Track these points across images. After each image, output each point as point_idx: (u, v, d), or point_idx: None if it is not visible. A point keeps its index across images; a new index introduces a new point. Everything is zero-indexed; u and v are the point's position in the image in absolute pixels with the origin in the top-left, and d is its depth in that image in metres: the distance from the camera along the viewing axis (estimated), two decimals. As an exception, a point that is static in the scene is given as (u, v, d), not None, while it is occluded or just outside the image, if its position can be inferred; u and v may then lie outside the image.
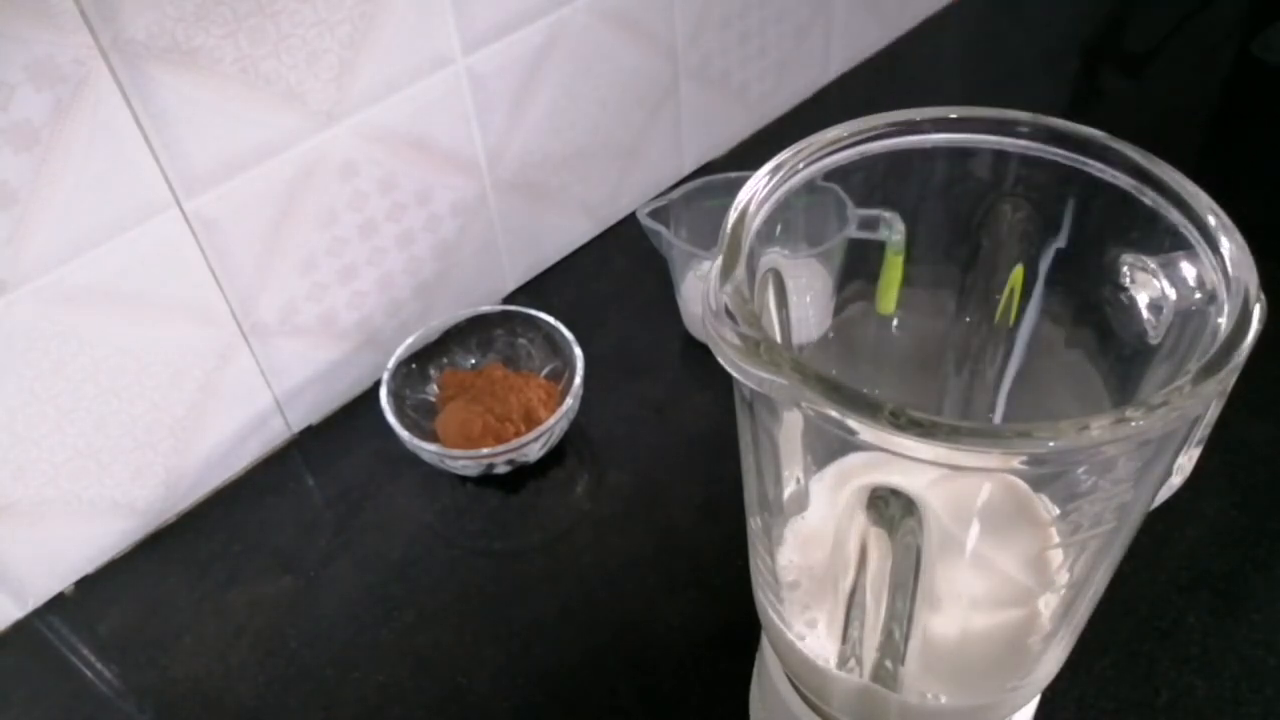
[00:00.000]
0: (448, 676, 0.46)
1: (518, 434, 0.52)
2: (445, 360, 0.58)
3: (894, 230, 0.37)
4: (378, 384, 0.54)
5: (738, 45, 0.72)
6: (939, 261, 0.36)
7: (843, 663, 0.32)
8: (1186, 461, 0.30)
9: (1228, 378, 0.24)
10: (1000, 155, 0.32)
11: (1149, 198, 0.29)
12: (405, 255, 0.58)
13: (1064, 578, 0.32)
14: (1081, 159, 0.30)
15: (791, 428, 0.31)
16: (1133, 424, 0.22)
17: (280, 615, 0.49)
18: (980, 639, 0.32)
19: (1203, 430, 0.29)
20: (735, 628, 0.46)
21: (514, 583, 0.49)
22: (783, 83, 0.78)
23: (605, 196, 0.69)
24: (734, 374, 0.25)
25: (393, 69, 0.51)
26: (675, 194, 0.58)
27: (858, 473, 0.35)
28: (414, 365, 0.56)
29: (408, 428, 0.52)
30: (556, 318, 0.57)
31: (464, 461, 0.51)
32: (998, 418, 0.38)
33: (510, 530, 0.52)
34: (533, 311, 0.57)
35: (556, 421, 0.52)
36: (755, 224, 0.29)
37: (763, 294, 0.30)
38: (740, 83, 0.74)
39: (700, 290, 0.27)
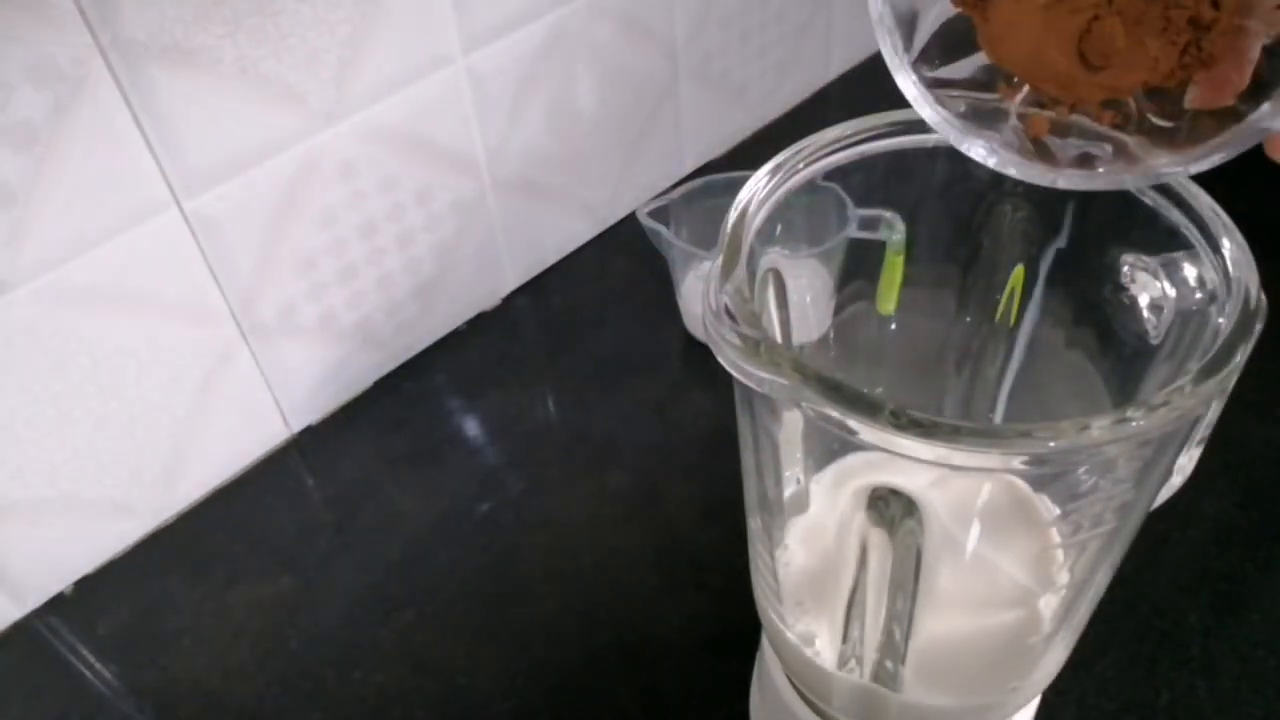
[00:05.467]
0: (448, 676, 0.46)
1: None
2: None
3: (894, 230, 0.37)
4: (378, 384, 0.54)
5: (738, 45, 0.71)
6: (939, 261, 0.36)
7: (843, 663, 0.32)
8: (1187, 461, 0.30)
9: (1228, 378, 0.24)
10: (1001, 155, 0.32)
11: (1149, 198, 0.29)
12: (405, 255, 0.58)
13: (1064, 578, 0.32)
14: (1081, 159, 0.30)
15: (791, 428, 0.31)
16: (1133, 424, 0.22)
17: (280, 615, 0.49)
18: (980, 639, 0.32)
19: (1204, 430, 0.29)
20: (735, 628, 0.46)
21: (514, 583, 0.49)
22: (783, 83, 0.78)
23: (605, 196, 0.69)
24: (734, 374, 0.25)
25: (392, 69, 0.51)
26: (675, 194, 0.58)
27: (858, 473, 0.35)
28: None
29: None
30: (556, 318, 0.57)
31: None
32: (998, 418, 0.38)
33: (510, 531, 0.52)
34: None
35: None
36: (755, 224, 0.29)
37: (763, 294, 0.30)
38: (740, 83, 0.74)
39: (700, 290, 0.27)
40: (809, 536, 0.35)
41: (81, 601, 0.51)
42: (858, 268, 0.38)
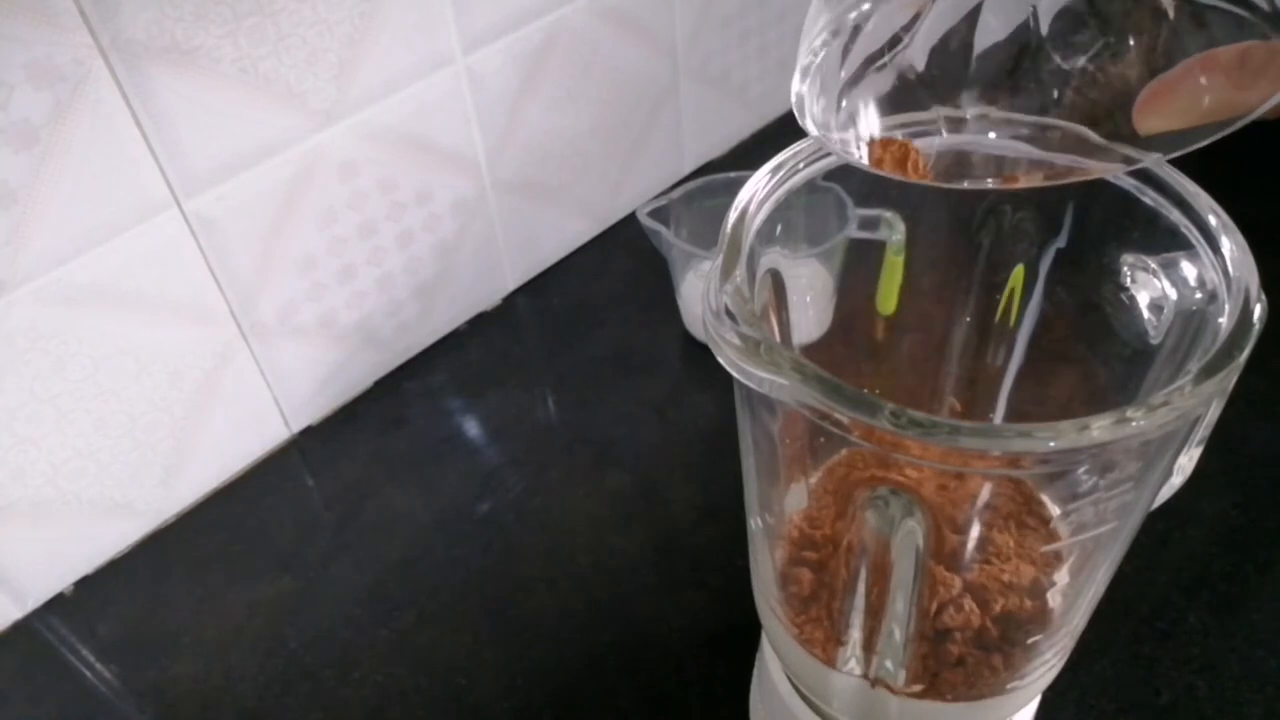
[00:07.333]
0: (448, 676, 0.46)
1: None
2: None
3: (894, 230, 0.37)
4: (378, 384, 0.54)
5: (738, 45, 0.71)
6: (939, 261, 0.36)
7: (843, 663, 0.32)
8: (1187, 461, 0.30)
9: (1228, 378, 0.24)
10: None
11: (1149, 197, 0.29)
12: (405, 255, 0.57)
13: (1064, 578, 0.32)
14: (1082, 159, 0.30)
15: (791, 428, 0.31)
16: (1133, 424, 0.22)
17: (280, 615, 0.49)
18: (981, 639, 0.32)
19: (1204, 430, 0.29)
20: (735, 628, 0.46)
21: (514, 583, 0.49)
22: (783, 83, 0.78)
23: (605, 196, 0.69)
24: (734, 374, 0.25)
25: (392, 69, 0.51)
26: (675, 194, 0.58)
27: (857, 472, 0.35)
28: None
29: None
30: (556, 318, 0.57)
31: None
32: (998, 418, 0.38)
33: (510, 530, 0.52)
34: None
35: None
36: (755, 224, 0.29)
37: (763, 294, 0.30)
38: (740, 83, 0.74)
39: (700, 290, 0.27)
40: (809, 536, 0.35)
41: (81, 601, 0.51)
42: (858, 268, 0.38)
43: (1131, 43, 0.24)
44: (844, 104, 0.27)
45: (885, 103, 0.27)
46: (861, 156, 0.27)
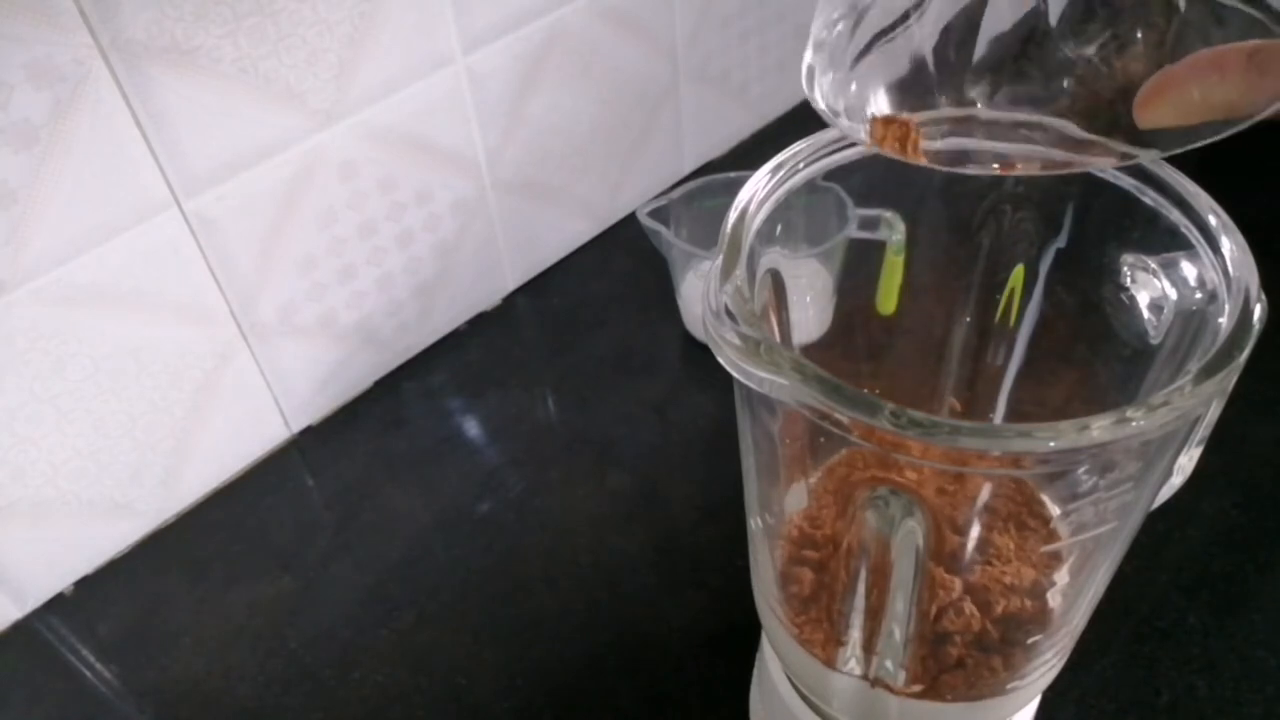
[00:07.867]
0: (448, 676, 0.46)
1: None
2: None
3: (894, 230, 0.37)
4: (378, 384, 0.54)
5: (738, 45, 0.71)
6: (939, 261, 0.36)
7: (843, 663, 0.32)
8: (1187, 461, 0.30)
9: (1228, 378, 0.24)
10: (1000, 155, 0.32)
11: (1150, 197, 0.29)
12: (405, 255, 0.57)
13: (1064, 578, 0.32)
14: (1082, 159, 0.30)
15: (791, 428, 0.31)
16: (1133, 424, 0.22)
17: (280, 615, 0.49)
18: (981, 639, 0.32)
19: (1204, 430, 0.29)
20: (735, 628, 0.46)
21: (514, 583, 0.49)
22: (783, 83, 0.78)
23: (605, 196, 0.69)
24: (734, 374, 0.25)
25: (392, 69, 0.51)
26: (675, 194, 0.58)
27: (858, 473, 0.35)
28: None
29: None
30: (556, 318, 0.57)
31: None
32: (998, 418, 0.38)
33: (510, 530, 0.52)
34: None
35: None
36: (755, 224, 0.29)
37: (763, 294, 0.30)
38: (740, 83, 0.74)
39: (700, 290, 0.27)
40: (809, 536, 0.35)
41: (81, 601, 0.51)
42: (858, 268, 0.38)
43: (1140, 35, 0.23)
44: (851, 79, 0.27)
45: (890, 81, 0.27)
46: (864, 135, 0.27)
